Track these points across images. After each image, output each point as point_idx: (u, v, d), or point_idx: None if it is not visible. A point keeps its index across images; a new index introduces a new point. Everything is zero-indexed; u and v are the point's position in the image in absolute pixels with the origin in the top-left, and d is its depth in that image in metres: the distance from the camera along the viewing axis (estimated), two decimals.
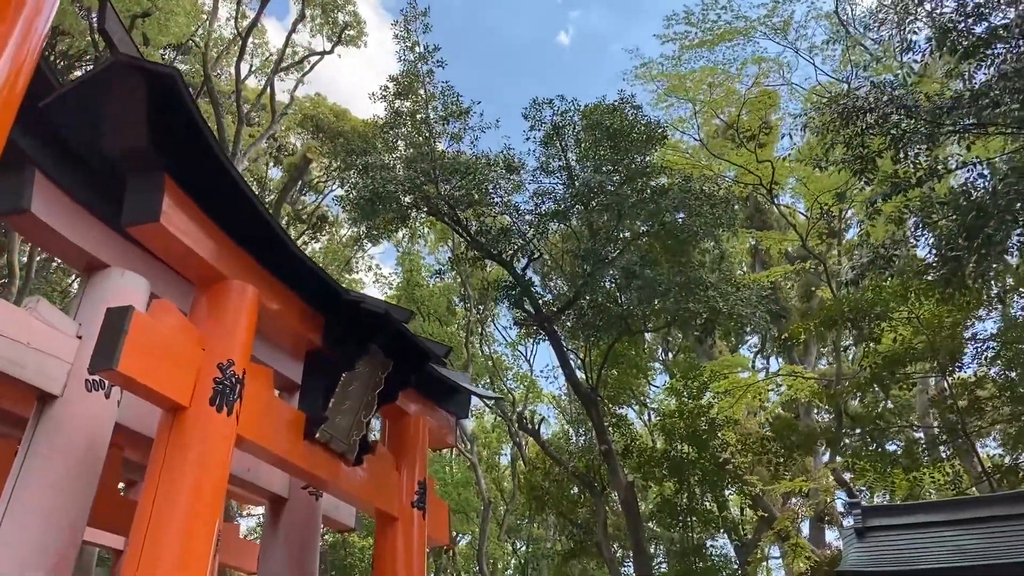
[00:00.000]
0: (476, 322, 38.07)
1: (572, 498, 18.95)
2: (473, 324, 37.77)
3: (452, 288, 36.91)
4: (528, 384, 37.92)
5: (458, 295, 37.30)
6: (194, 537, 6.61)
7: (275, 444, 8.01)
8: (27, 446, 7.44)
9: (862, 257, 12.66)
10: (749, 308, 15.29)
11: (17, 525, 7.01)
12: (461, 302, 37.96)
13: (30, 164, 7.61)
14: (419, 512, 10.15)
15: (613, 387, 18.47)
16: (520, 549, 42.29)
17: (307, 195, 33.60)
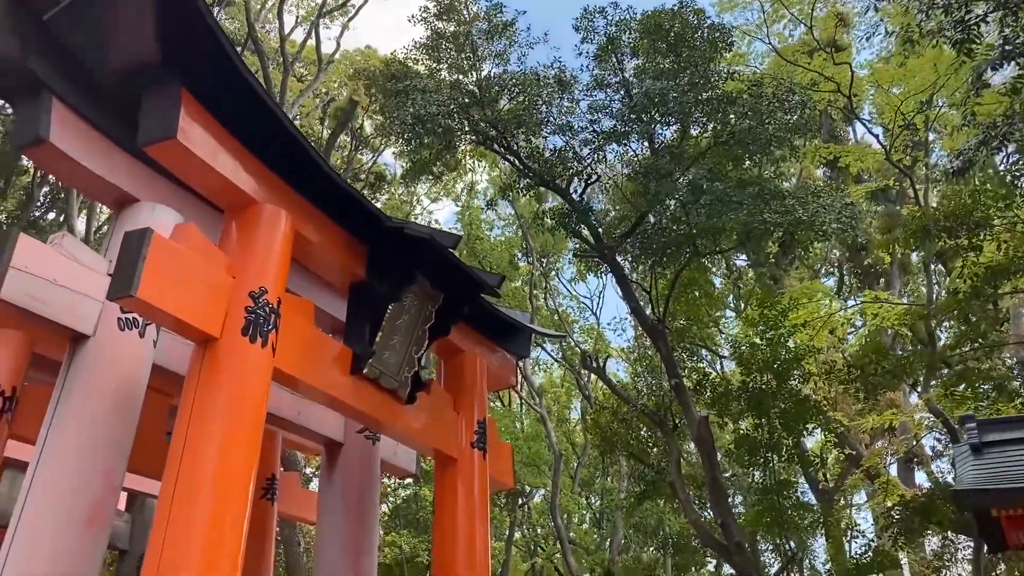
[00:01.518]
0: (540, 276, 37.41)
1: (642, 438, 18.16)
2: (537, 278, 37.12)
3: (514, 242, 36.26)
4: (595, 337, 37.14)
5: (520, 249, 36.63)
6: (230, 477, 6.13)
7: (318, 379, 7.48)
8: (60, 389, 7.08)
9: (968, 141, 11.31)
10: (833, 214, 14.00)
11: (52, 469, 6.66)
12: (524, 257, 37.31)
13: (46, 91, 7.12)
14: (479, 453, 9.58)
15: (682, 319, 17.46)
16: (594, 504, 41.95)
17: (363, 153, 33.19)
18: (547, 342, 38.39)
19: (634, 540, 34.25)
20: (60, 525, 6.47)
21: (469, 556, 9.12)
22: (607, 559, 30.99)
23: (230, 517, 6.02)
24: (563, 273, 41.07)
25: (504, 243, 35.80)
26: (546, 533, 42.96)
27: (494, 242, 35.16)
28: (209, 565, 5.77)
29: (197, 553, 5.77)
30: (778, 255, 20.97)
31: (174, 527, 5.86)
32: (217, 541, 5.88)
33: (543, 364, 43.12)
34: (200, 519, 5.89)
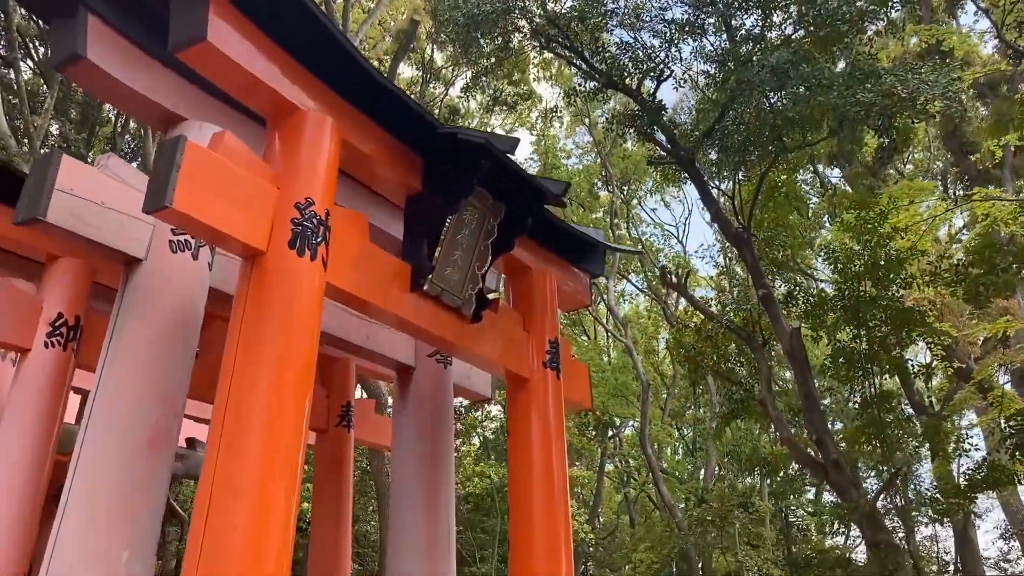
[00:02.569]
0: (621, 204, 36.46)
1: (730, 356, 17.38)
2: (618, 207, 36.20)
3: (593, 170, 35.32)
4: (681, 265, 36.08)
5: (600, 178, 35.69)
6: (283, 399, 5.85)
7: (375, 295, 7.12)
8: (116, 315, 6.96)
9: None
10: (937, 89, 12.60)
11: (110, 394, 6.57)
12: (603, 186, 36.36)
13: (82, 7, 6.86)
14: (552, 373, 9.14)
15: (769, 227, 16.42)
16: (686, 434, 41.43)
17: (435, 87, 32.62)
18: (632, 272, 37.62)
19: (728, 468, 33.68)
20: (121, 449, 6.39)
21: (545, 479, 8.76)
22: (700, 488, 30.58)
23: (285, 442, 5.75)
24: (646, 201, 40.00)
25: (583, 172, 34.90)
26: (638, 465, 42.83)
27: (572, 171, 34.31)
28: (263, 491, 5.53)
29: (250, 479, 5.53)
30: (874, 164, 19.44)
31: (226, 452, 5.64)
32: (271, 466, 5.63)
33: (628, 295, 42.42)
34: (253, 444, 5.64)
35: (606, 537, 40.18)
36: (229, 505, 5.46)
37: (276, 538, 5.46)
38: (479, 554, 25.57)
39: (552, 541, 8.53)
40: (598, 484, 36.81)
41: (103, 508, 6.18)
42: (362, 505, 22.50)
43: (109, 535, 6.13)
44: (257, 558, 5.35)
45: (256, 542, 5.37)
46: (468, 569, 26.24)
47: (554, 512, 8.68)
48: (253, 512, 5.44)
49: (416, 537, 9.01)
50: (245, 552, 5.33)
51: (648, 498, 43.65)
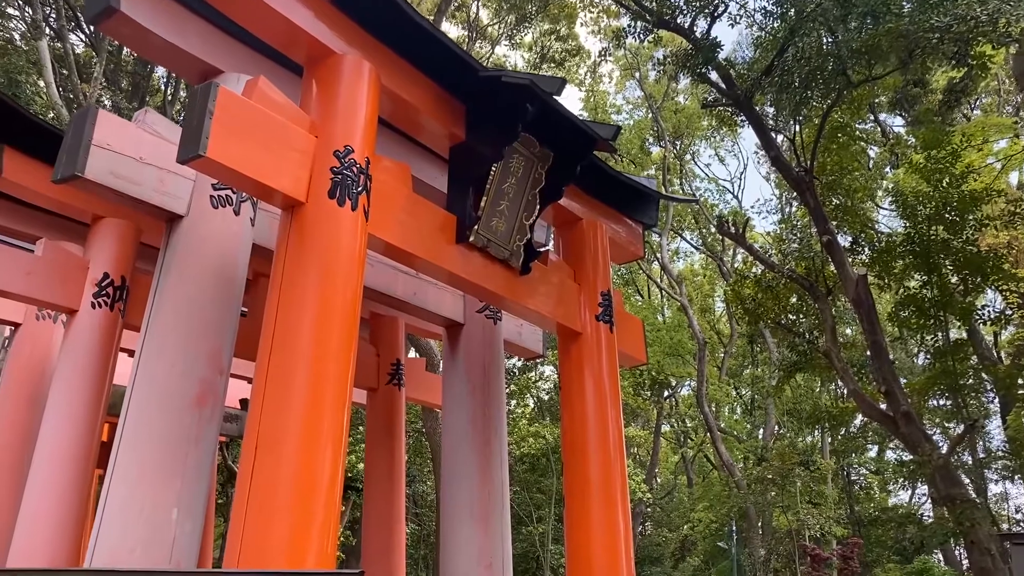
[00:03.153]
0: (674, 160, 35.63)
1: (791, 308, 16.74)
2: (671, 162, 35.39)
3: (644, 125, 34.51)
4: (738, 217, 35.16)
5: (651, 133, 34.88)
6: (325, 353, 5.68)
7: (420, 247, 6.89)
8: (158, 273, 6.87)
9: None
10: (1022, 9, 11.63)
11: (155, 352, 6.49)
12: (655, 141, 35.55)
13: None
14: (605, 326, 8.84)
15: (832, 171, 15.62)
16: (744, 394, 40.80)
17: (481, 46, 32.09)
18: (686, 229, 36.89)
19: (788, 426, 33.08)
20: (167, 406, 6.32)
21: (600, 434, 8.51)
22: (760, 446, 30.09)
23: (329, 396, 5.59)
24: (700, 156, 39.04)
25: (634, 127, 34.13)
26: (695, 425, 42.44)
27: (622, 127, 33.55)
28: (308, 445, 5.39)
29: (294, 434, 5.39)
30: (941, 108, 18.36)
31: (270, 407, 5.50)
32: (315, 421, 5.47)
33: (682, 253, 41.68)
34: (296, 399, 5.49)
35: (663, 497, 40.01)
36: (273, 460, 5.33)
37: (322, 492, 5.32)
38: (536, 514, 25.60)
39: (608, 498, 8.30)
40: (654, 444, 36.55)
41: (151, 465, 6.13)
42: (418, 465, 22.62)
43: (157, 492, 6.07)
44: (303, 512, 5.22)
45: (301, 496, 5.24)
46: (526, 529, 26.33)
47: (609, 468, 8.45)
48: (298, 467, 5.30)
49: (469, 495, 8.86)
50: (290, 506, 5.20)
51: (706, 458, 43.27)
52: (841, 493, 33.15)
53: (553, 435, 24.31)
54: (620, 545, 8.22)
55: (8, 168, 7.10)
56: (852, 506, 33.47)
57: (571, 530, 8.41)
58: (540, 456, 24.28)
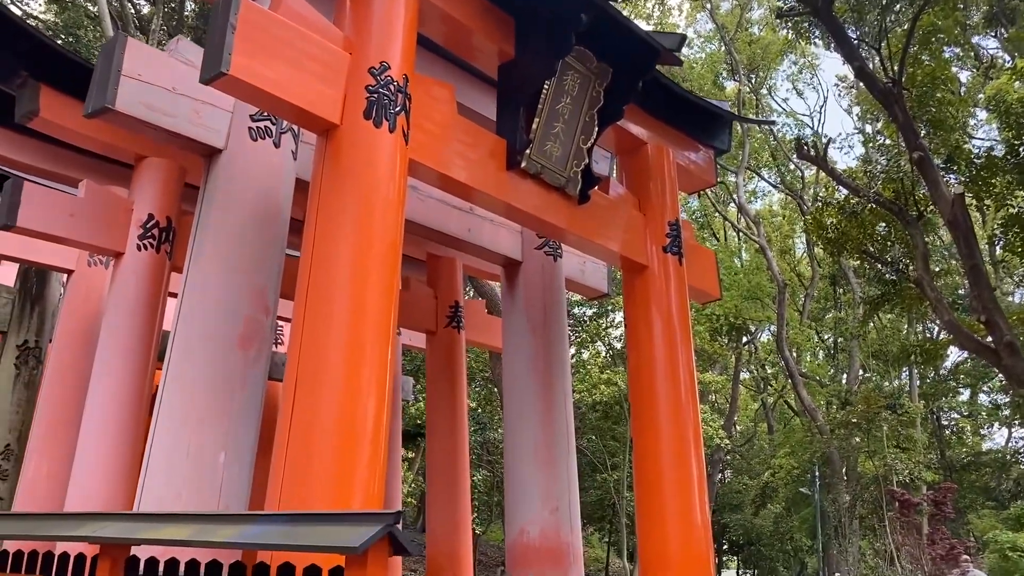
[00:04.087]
0: (749, 94, 34.05)
1: (877, 235, 15.59)
2: (746, 97, 33.82)
3: (717, 58, 33.01)
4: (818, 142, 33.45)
5: (724, 66, 33.35)
6: (366, 282, 5.29)
7: (466, 174, 6.42)
8: (199, 209, 6.59)
9: None
10: None
11: (197, 290, 6.23)
12: (729, 76, 34.00)
13: None
14: (674, 258, 8.24)
15: (923, 82, 14.28)
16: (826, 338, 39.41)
17: None
18: (763, 167, 35.42)
19: (873, 369, 31.76)
20: (211, 346, 6.07)
21: (670, 375, 7.98)
22: (843, 390, 28.98)
23: (371, 333, 5.21)
24: (776, 91, 37.26)
25: (706, 61, 32.69)
26: (775, 371, 41.32)
27: (693, 61, 32.19)
28: (349, 386, 5.04)
29: (335, 374, 5.04)
30: None
31: (309, 345, 5.17)
32: (357, 360, 5.11)
33: (760, 192, 40.17)
34: (336, 336, 5.14)
35: (743, 445, 39.23)
36: (313, 399, 5.00)
37: (366, 432, 4.97)
38: (610, 461, 25.28)
39: (680, 442, 7.80)
40: (733, 391, 35.68)
41: (195, 407, 5.91)
42: (488, 413, 22.47)
43: (203, 435, 5.86)
44: (347, 453, 4.89)
45: (344, 436, 4.91)
46: (600, 476, 26.07)
47: (680, 411, 7.93)
48: (340, 405, 4.97)
49: (532, 438, 8.49)
50: (332, 447, 4.88)
51: (786, 404, 42.17)
52: (931, 437, 31.85)
53: (625, 382, 23.82)
54: (694, 491, 7.73)
55: (46, 107, 6.88)
56: (943, 451, 32.15)
57: (641, 476, 7.95)
58: (613, 403, 23.80)
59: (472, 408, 22.62)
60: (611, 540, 29.38)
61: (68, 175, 7.87)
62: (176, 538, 4.19)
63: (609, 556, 29.68)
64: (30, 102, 6.85)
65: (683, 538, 7.49)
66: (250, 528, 4.02)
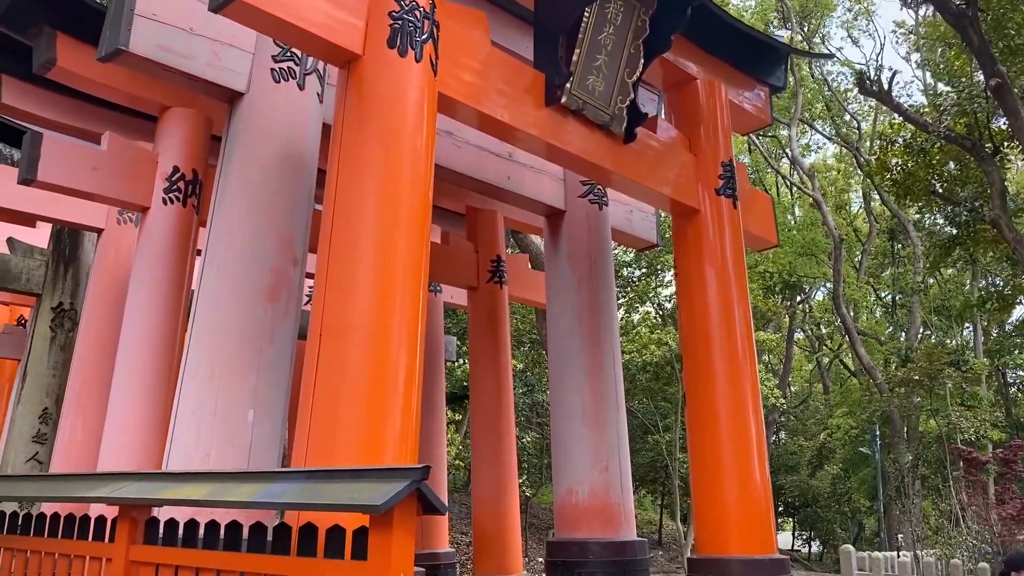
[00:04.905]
0: (802, 43, 32.66)
1: (947, 175, 14.59)
2: (799, 45, 32.46)
3: (767, 6, 31.70)
4: (875, 107, 32.10)
5: (776, 14, 32.03)
6: (394, 224, 4.91)
7: (501, 109, 5.96)
8: (222, 157, 6.26)
9: None
10: None
11: (222, 241, 5.92)
12: (781, 24, 32.65)
13: None
14: (727, 201, 7.70)
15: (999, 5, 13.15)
16: (884, 296, 38.17)
17: None
18: (817, 119, 34.10)
19: (935, 326, 30.60)
20: (237, 298, 5.77)
21: (725, 327, 7.48)
22: (903, 347, 27.95)
23: (400, 278, 4.83)
24: (831, 39, 35.77)
25: (756, 9, 31.41)
26: (831, 331, 40.25)
27: (743, 8, 30.95)
28: (378, 335, 4.67)
29: (362, 322, 4.68)
30: None
31: (334, 292, 4.82)
32: (386, 308, 4.73)
33: (813, 146, 38.80)
34: (363, 283, 4.77)
35: (798, 405, 38.37)
36: (340, 350, 4.66)
37: (397, 386, 4.62)
38: (662, 423, 24.81)
39: (736, 396, 7.32)
40: (787, 350, 34.83)
41: (222, 363, 5.62)
42: (537, 374, 22.14)
43: (230, 391, 5.57)
44: (375, 407, 4.54)
45: (372, 389, 4.56)
46: (652, 438, 25.64)
47: (737, 363, 7.43)
48: (367, 356, 4.61)
49: (579, 396, 8.08)
50: (360, 401, 4.53)
51: (842, 364, 41.13)
52: (996, 395, 30.67)
53: (676, 341, 23.26)
54: (752, 448, 7.25)
55: (63, 56, 6.59)
56: (1009, 409, 30.96)
57: (695, 433, 7.51)
58: (664, 364, 23.27)
59: (520, 370, 22.32)
60: (664, 503, 29.00)
61: (93, 131, 7.60)
62: (192, 498, 3.90)
63: (662, 519, 29.34)
64: (47, 51, 6.56)
65: (741, 498, 7.04)
66: (269, 487, 3.69)
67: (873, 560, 16.90)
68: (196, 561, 3.99)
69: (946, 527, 18.57)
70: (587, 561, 7.41)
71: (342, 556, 3.44)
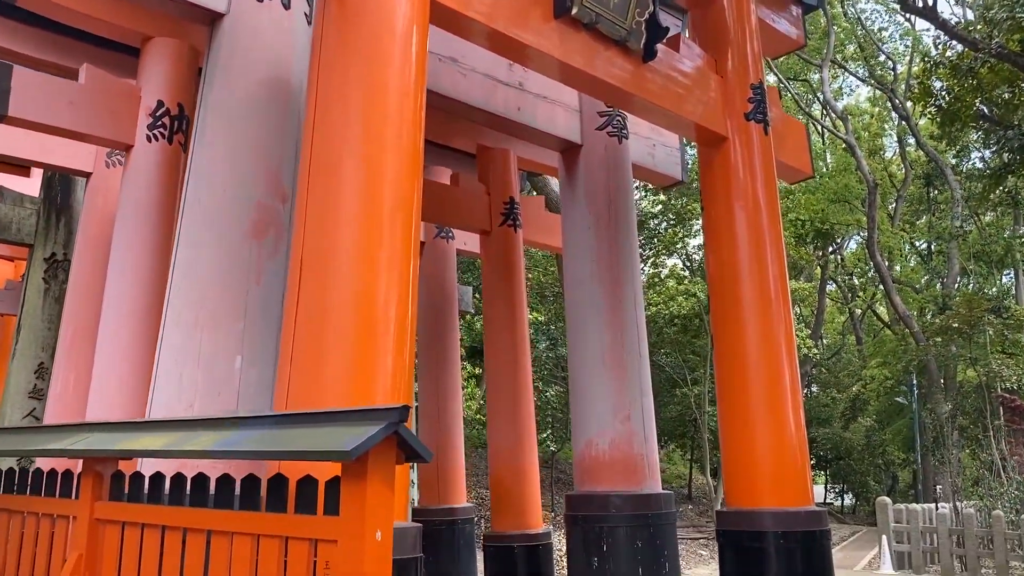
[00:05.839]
0: None
1: (999, 98, 13.67)
2: None
3: None
4: (913, 43, 30.75)
5: None
6: (381, 145, 4.38)
7: (502, 19, 5.35)
8: (203, 85, 5.74)
9: None
10: None
11: (204, 175, 5.44)
12: None
13: None
14: (758, 127, 7.06)
15: None
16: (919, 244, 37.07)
17: None
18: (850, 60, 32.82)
19: (975, 271, 29.61)
20: (220, 237, 5.30)
21: (756, 266, 6.88)
22: (941, 294, 27.08)
23: (389, 200, 4.32)
24: None
25: None
26: (864, 281, 39.31)
27: None
28: (364, 266, 4.18)
29: (346, 251, 4.19)
30: None
31: (315, 216, 4.34)
32: (373, 235, 4.23)
33: (846, 90, 37.48)
34: (347, 207, 4.27)
35: (830, 357, 37.66)
36: (322, 282, 4.18)
37: (387, 323, 4.13)
38: (690, 376, 24.31)
39: (768, 337, 6.74)
40: (819, 302, 34.05)
41: (206, 306, 5.17)
42: (560, 328, 21.68)
43: (215, 337, 5.13)
44: (363, 345, 4.06)
45: (360, 326, 4.08)
46: (679, 391, 25.19)
47: (769, 303, 6.85)
48: (353, 290, 4.14)
49: (598, 342, 7.56)
50: (346, 338, 4.06)
51: (875, 316, 40.23)
52: None
53: (705, 292, 22.66)
54: (786, 394, 6.69)
55: None
56: None
57: (723, 379, 6.95)
58: (692, 316, 22.70)
59: (543, 323, 21.86)
60: (693, 457, 28.63)
61: (73, 67, 7.11)
62: (150, 448, 3.46)
63: (691, 473, 29.00)
64: None
65: (775, 446, 6.51)
66: (231, 435, 3.24)
67: (910, 512, 16.38)
68: (160, 519, 3.57)
69: (987, 478, 17.97)
70: (608, 515, 6.95)
71: (314, 511, 2.99)
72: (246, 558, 3.16)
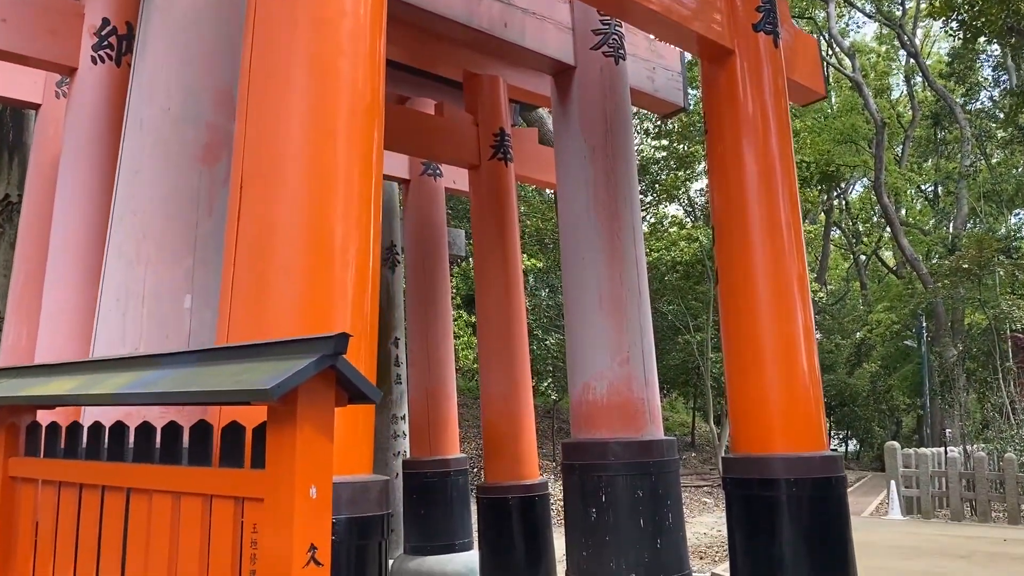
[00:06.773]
0: None
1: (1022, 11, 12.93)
2: None
3: None
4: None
5: None
6: (336, 43, 3.77)
7: None
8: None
9: None
10: None
11: (145, 92, 4.85)
12: None
13: None
14: (767, 39, 6.40)
15: None
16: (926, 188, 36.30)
17: None
18: None
19: (985, 212, 28.91)
20: (166, 164, 4.69)
21: (766, 197, 6.28)
22: (950, 235, 26.47)
23: (345, 105, 3.72)
24: None
25: None
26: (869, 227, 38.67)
27: None
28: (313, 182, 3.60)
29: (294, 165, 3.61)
30: None
31: (255, 124, 3.75)
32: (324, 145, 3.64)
33: (851, 29, 36.35)
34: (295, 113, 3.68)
35: (835, 303, 37.16)
36: (265, 202, 3.61)
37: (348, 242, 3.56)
38: (693, 323, 23.85)
39: (778, 271, 6.17)
40: (824, 247, 33.48)
41: (151, 240, 4.60)
42: (560, 276, 21.20)
43: (161, 274, 4.57)
44: (313, 271, 3.51)
45: (309, 251, 3.51)
46: (682, 338, 24.76)
47: (779, 233, 6.25)
48: (300, 209, 3.56)
49: (595, 279, 7.01)
50: (294, 265, 3.50)
51: (880, 262, 39.68)
52: None
53: (708, 237, 22.07)
54: (798, 333, 6.14)
55: None
56: None
57: (730, 322, 6.39)
58: (694, 262, 22.15)
59: (542, 270, 21.35)
60: (696, 404, 28.32)
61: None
62: (56, 394, 2.93)
63: (695, 420, 28.73)
64: None
65: (786, 388, 5.99)
66: (146, 375, 2.70)
67: (920, 456, 16.01)
68: (78, 476, 3.06)
69: (997, 420, 17.59)
70: (607, 463, 6.46)
71: (240, 464, 2.47)
72: (166, 520, 2.64)
